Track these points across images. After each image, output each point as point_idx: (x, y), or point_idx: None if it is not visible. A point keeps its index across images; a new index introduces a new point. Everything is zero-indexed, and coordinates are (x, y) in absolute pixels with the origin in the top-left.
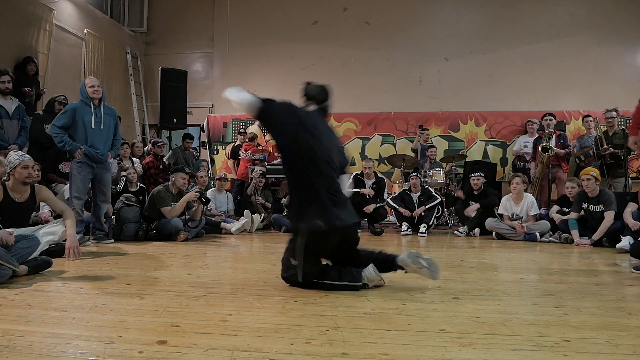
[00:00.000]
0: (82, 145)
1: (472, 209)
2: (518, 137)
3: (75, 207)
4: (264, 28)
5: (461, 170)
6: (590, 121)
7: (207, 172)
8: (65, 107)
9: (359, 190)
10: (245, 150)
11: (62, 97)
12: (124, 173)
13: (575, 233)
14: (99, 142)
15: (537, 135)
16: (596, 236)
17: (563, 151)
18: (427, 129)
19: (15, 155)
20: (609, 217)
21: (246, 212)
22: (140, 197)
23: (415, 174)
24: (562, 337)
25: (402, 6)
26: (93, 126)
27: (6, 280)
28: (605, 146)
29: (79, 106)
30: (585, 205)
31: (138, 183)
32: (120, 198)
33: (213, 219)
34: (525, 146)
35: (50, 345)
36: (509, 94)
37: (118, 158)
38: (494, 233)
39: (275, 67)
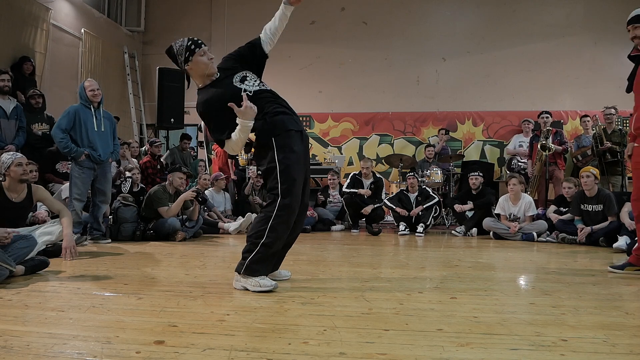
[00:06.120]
0: (85, 149)
1: (464, 207)
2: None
3: (75, 208)
4: (262, 28)
5: (458, 170)
6: (588, 121)
7: (205, 171)
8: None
9: (357, 190)
10: (214, 150)
11: (36, 91)
12: (128, 174)
13: (580, 226)
14: (99, 145)
15: (532, 135)
16: (596, 228)
17: (561, 147)
18: (449, 131)
19: (7, 155)
20: (611, 221)
21: (248, 214)
22: (141, 198)
23: (413, 173)
24: (559, 336)
25: (399, 6)
26: (95, 129)
27: (3, 281)
28: (605, 142)
29: (79, 108)
30: (583, 206)
31: (139, 184)
32: (118, 198)
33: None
34: (521, 145)
35: (48, 345)
36: (506, 94)
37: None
38: (491, 233)
39: (272, 67)
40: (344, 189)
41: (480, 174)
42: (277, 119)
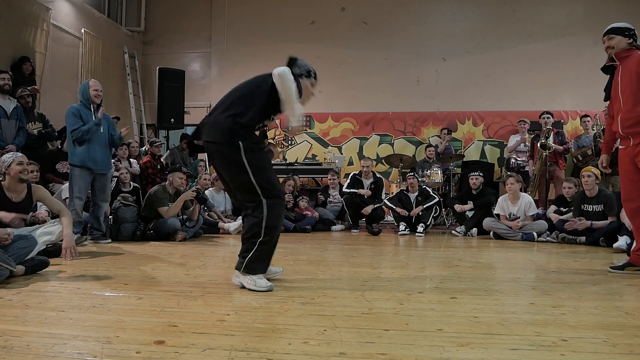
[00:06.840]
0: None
1: (465, 207)
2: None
3: (75, 207)
4: (262, 28)
5: (458, 170)
6: (588, 121)
7: (205, 171)
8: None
9: (357, 190)
10: None
11: (25, 90)
12: (116, 173)
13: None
14: (98, 144)
15: (527, 135)
16: (596, 226)
17: (561, 147)
18: (451, 131)
19: (7, 155)
20: (611, 221)
21: None
22: (134, 197)
23: (413, 173)
24: (559, 336)
25: (399, 6)
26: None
27: (3, 281)
28: None
29: (80, 108)
30: (583, 207)
31: (131, 183)
32: (118, 198)
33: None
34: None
35: (48, 345)
36: (506, 94)
37: (116, 159)
38: (491, 233)
39: (272, 67)
40: (344, 189)
41: (481, 174)
42: (249, 130)
